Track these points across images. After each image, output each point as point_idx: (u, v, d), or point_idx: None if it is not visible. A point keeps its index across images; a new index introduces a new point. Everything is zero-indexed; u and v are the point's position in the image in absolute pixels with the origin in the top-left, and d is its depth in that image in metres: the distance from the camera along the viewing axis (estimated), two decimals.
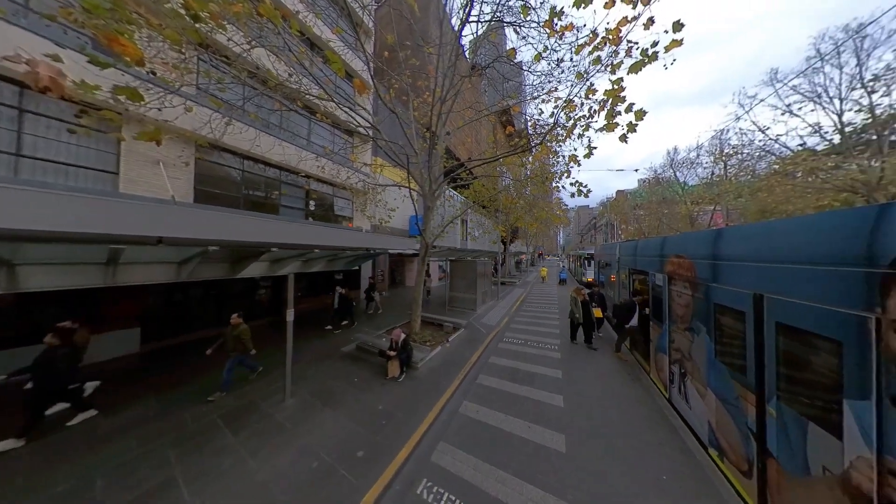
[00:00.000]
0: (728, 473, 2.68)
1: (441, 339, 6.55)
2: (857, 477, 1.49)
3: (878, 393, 1.40)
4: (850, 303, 1.54)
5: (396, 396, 4.09)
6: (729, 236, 2.78)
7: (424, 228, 6.27)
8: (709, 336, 2.95)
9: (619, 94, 3.73)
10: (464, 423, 3.49)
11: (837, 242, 1.65)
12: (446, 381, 4.56)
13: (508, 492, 2.49)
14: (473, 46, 6.22)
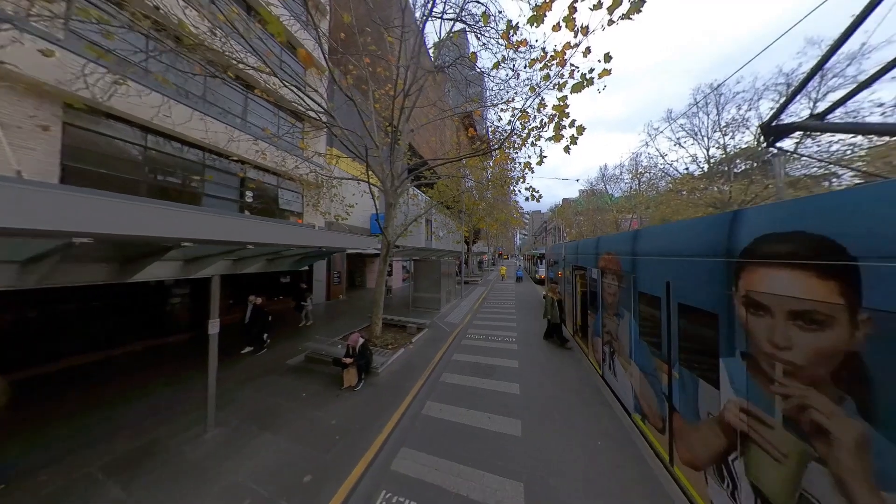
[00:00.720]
0: (647, 432, 3.24)
1: (404, 341, 6.36)
2: (728, 416, 1.95)
3: (736, 350, 1.87)
4: (720, 284, 2.02)
5: (353, 407, 3.77)
6: (643, 236, 3.40)
7: (386, 226, 6.02)
8: (633, 319, 3.53)
9: (564, 109, 4.23)
10: (427, 424, 3.42)
11: (710, 239, 2.16)
12: (409, 384, 4.43)
13: (469, 485, 2.52)
14: (437, 47, 6.29)
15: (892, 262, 1.13)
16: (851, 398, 1.25)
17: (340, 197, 7.97)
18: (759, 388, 1.72)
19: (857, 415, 1.23)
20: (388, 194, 6.02)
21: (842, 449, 1.28)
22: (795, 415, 1.49)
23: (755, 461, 1.75)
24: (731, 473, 1.94)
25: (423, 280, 10.96)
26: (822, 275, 1.37)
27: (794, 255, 1.50)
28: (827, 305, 1.34)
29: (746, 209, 1.91)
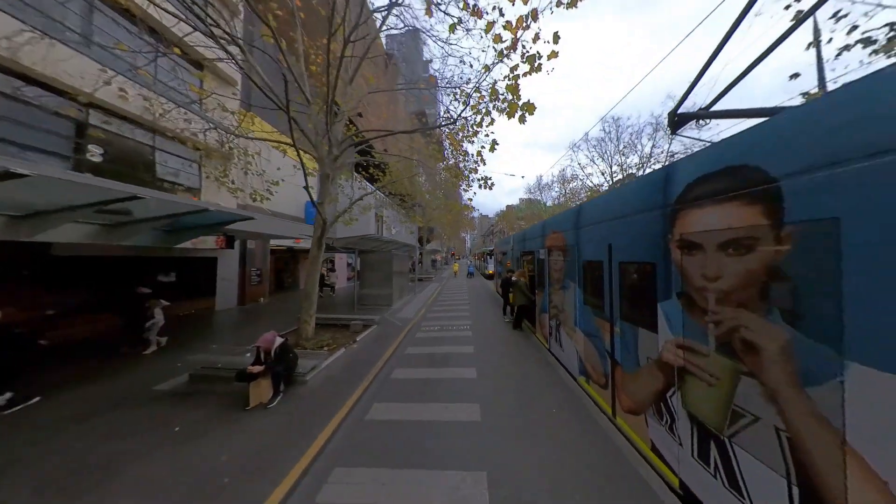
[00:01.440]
0: (591, 391, 3.44)
1: (346, 341, 5.42)
2: (666, 356, 2.10)
3: (672, 293, 2.02)
4: (657, 234, 2.18)
5: (262, 431, 2.77)
6: (586, 208, 3.65)
7: (321, 201, 5.02)
8: (579, 287, 3.75)
9: (517, 89, 4.30)
10: (371, 431, 2.81)
11: (648, 195, 2.34)
12: (349, 388, 3.64)
13: (421, 491, 2.08)
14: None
15: (807, 175, 1.26)
16: (776, 308, 1.37)
17: (259, 170, 6.31)
18: (694, 323, 1.86)
19: (781, 322, 1.35)
20: (325, 163, 5.03)
21: (769, 357, 1.40)
22: (727, 338, 1.62)
23: (691, 391, 1.89)
24: (670, 409, 2.08)
25: (371, 275, 9.88)
26: (748, 201, 1.51)
27: (723, 189, 1.64)
28: (753, 229, 1.47)
29: (677, 161, 2.10)
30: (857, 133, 1.11)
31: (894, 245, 1.01)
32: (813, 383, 1.22)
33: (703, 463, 1.80)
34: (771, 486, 1.39)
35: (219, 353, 4.27)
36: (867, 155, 1.08)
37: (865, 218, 1.08)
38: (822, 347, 1.19)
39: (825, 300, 1.19)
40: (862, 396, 1.08)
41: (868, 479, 1.06)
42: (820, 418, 1.20)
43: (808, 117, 1.30)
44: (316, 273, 5.26)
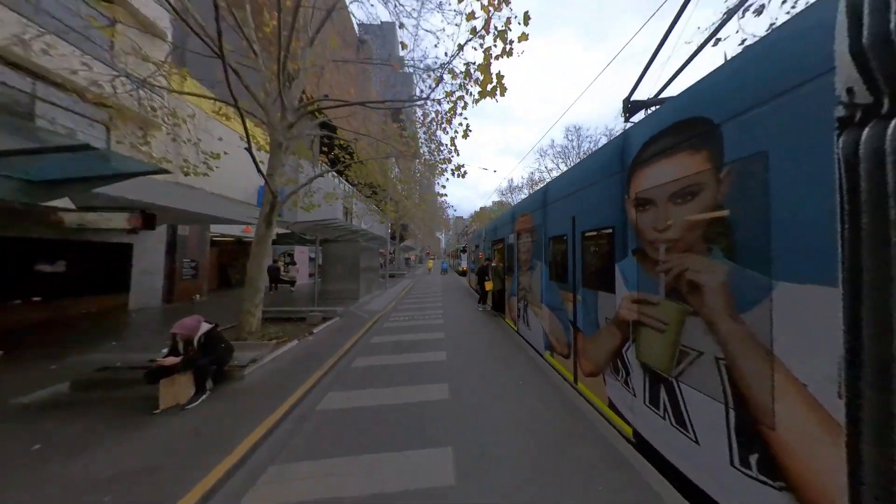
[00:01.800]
0: (555, 363, 3.54)
1: (300, 333, 4.84)
2: (622, 312, 2.19)
3: (628, 251, 2.12)
4: (616, 197, 2.28)
5: (173, 437, 2.20)
6: (552, 186, 3.77)
7: (271, 173, 4.43)
8: (545, 265, 3.85)
9: (488, 69, 4.31)
10: (321, 422, 2.47)
11: (607, 162, 2.45)
12: (297, 381, 3.18)
13: (378, 475, 1.86)
14: None
15: (740, 117, 1.36)
16: (717, 246, 1.47)
17: (192, 137, 5.30)
18: (647, 275, 1.95)
19: (721, 258, 1.45)
20: (276, 131, 4.42)
21: (710, 293, 1.49)
22: (675, 283, 1.72)
23: (644, 341, 1.98)
24: (625, 363, 2.17)
25: (335, 268, 9.01)
26: (694, 149, 1.61)
27: (673, 143, 1.75)
28: (697, 175, 1.57)
29: (633, 126, 2.22)
30: (775, 74, 1.23)
31: (809, 169, 1.11)
32: (747, 308, 1.32)
33: (654, 408, 1.89)
34: (711, 415, 1.48)
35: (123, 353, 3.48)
36: (782, 92, 1.19)
37: (786, 147, 1.19)
38: (755, 274, 1.29)
39: (757, 229, 1.29)
40: (786, 311, 1.17)
41: (791, 385, 1.15)
42: (753, 339, 1.29)
43: (739, 66, 1.42)
44: (262, 256, 4.55)
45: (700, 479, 1.56)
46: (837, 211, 1.03)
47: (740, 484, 1.34)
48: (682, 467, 1.68)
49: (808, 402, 1.10)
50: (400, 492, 1.70)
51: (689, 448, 1.62)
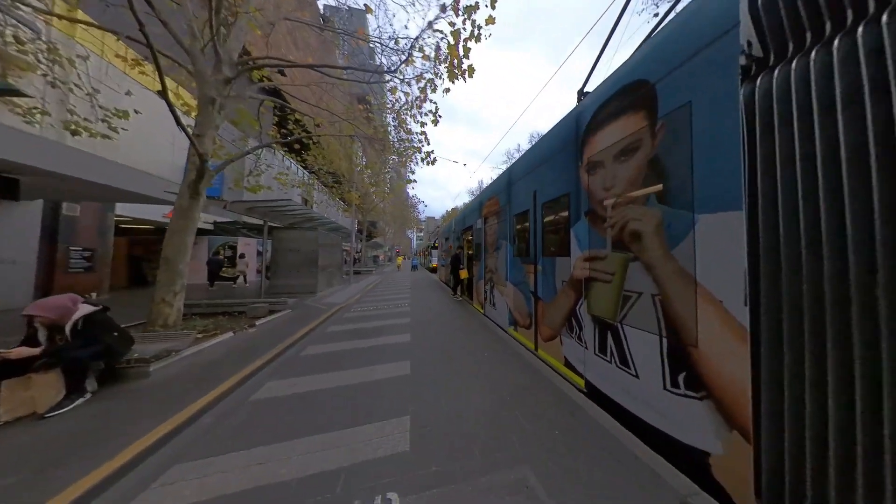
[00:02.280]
0: (518, 336, 3.66)
1: (235, 326, 4.16)
2: (576, 272, 2.33)
3: (581, 214, 2.27)
4: (571, 165, 2.43)
5: (22, 453, 1.66)
6: (515, 166, 3.91)
7: (199, 133, 3.67)
8: (509, 244, 3.97)
9: (456, 48, 4.31)
10: (253, 413, 2.09)
11: (564, 133, 2.60)
12: (225, 373, 2.70)
13: (322, 454, 1.65)
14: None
15: (671, 74, 1.53)
16: (651, 186, 1.63)
17: (86, 88, 4.14)
18: (596, 233, 2.10)
19: (656, 204, 1.60)
20: (207, 84, 3.69)
21: (648, 237, 1.64)
22: (618, 235, 1.87)
23: (594, 295, 2.12)
24: (578, 320, 2.31)
25: (288, 258, 7.92)
26: (633, 110, 1.76)
27: (618, 107, 1.90)
28: (638, 132, 1.73)
29: (585, 98, 2.39)
30: (697, 32, 1.40)
31: (720, 114, 1.28)
32: (676, 244, 1.48)
33: (602, 355, 2.04)
34: (649, 348, 1.63)
35: None
36: (702, 47, 1.37)
37: (704, 97, 1.36)
38: (682, 212, 1.45)
39: (683, 172, 1.45)
40: (705, 239, 1.33)
41: (709, 304, 1.31)
42: (681, 271, 1.44)
43: (671, 29, 1.60)
44: (184, 234, 3.76)
45: (639, 410, 1.71)
46: (741, 146, 1.20)
47: (671, 403, 1.49)
48: (624, 403, 1.83)
49: (721, 316, 1.26)
50: (345, 467, 1.51)
51: (631, 383, 1.77)
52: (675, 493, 1.29)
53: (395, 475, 1.44)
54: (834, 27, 0.99)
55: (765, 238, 1.12)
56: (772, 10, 1.14)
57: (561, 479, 1.38)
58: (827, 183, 0.96)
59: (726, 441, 1.25)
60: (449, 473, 1.44)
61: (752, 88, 1.18)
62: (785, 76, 1.08)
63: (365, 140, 8.36)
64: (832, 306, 0.94)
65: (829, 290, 0.94)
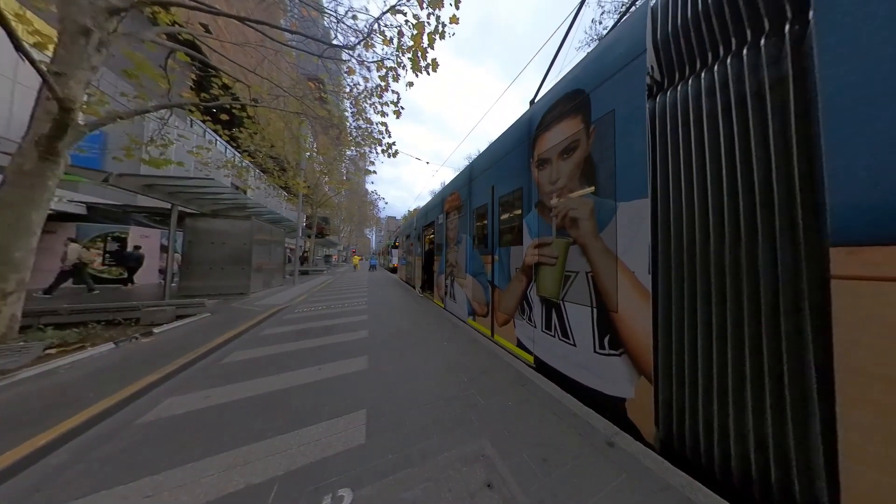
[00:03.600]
0: (476, 325, 3.81)
1: (119, 336, 3.24)
2: (527, 259, 2.56)
3: (532, 205, 2.51)
4: (524, 162, 2.67)
5: None
6: (476, 162, 4.10)
7: (61, 71, 2.71)
8: (469, 237, 4.11)
9: (420, 40, 4.30)
10: (140, 438, 1.71)
11: (518, 133, 2.84)
12: (85, 399, 2.08)
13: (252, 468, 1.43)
14: None
15: (601, 86, 1.83)
16: (587, 184, 1.90)
17: None
18: (543, 221, 2.35)
19: (590, 195, 1.88)
20: (75, 6, 2.75)
21: (583, 223, 1.91)
22: (561, 222, 2.13)
23: (541, 278, 2.36)
24: (529, 302, 2.53)
25: (208, 252, 6.54)
26: (573, 114, 2.04)
27: (561, 111, 2.18)
28: (576, 134, 2.01)
29: (536, 102, 2.66)
30: (619, 54, 1.72)
31: (634, 121, 1.59)
32: (603, 228, 1.76)
33: (548, 331, 2.28)
34: (583, 319, 1.89)
35: None
36: (622, 66, 1.68)
37: (623, 105, 1.67)
38: (608, 201, 1.73)
39: (608, 167, 1.74)
40: (623, 222, 1.63)
41: (625, 275, 1.60)
42: (606, 250, 1.72)
43: (601, 50, 1.91)
44: (24, 209, 2.72)
45: (576, 374, 1.97)
46: (648, 147, 1.51)
47: (600, 363, 1.76)
48: (565, 370, 2.08)
49: (633, 283, 1.55)
50: (279, 476, 1.31)
51: (570, 351, 2.02)
52: (603, 435, 1.52)
53: (348, 471, 1.32)
54: (703, 64, 1.33)
55: (661, 219, 1.42)
56: (665, 45, 1.47)
57: (513, 442, 1.49)
58: (701, 175, 1.28)
59: (637, 386, 1.53)
60: (406, 458, 1.40)
61: (654, 103, 1.50)
62: (673, 97, 1.40)
63: (317, 123, 7.56)
64: (704, 270, 1.25)
65: (703, 257, 1.26)
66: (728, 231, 1.17)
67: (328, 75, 10.64)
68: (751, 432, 1.08)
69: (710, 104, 1.26)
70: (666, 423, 1.38)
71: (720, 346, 1.18)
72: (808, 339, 0.95)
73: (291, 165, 11.59)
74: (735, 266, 1.15)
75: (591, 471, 1.28)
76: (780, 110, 1.06)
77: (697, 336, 1.26)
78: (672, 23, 1.44)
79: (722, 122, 1.22)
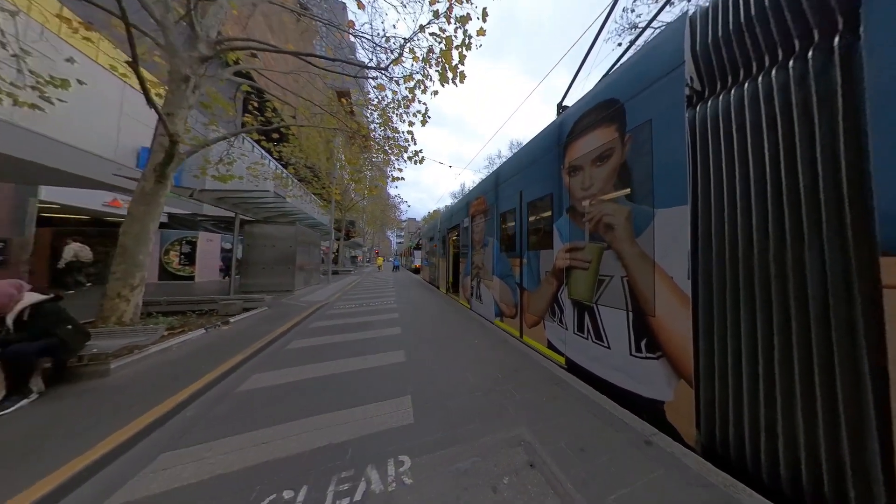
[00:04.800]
0: (504, 326, 3.92)
1: (206, 323, 3.83)
2: (558, 262, 2.63)
3: (563, 210, 2.58)
4: (555, 168, 2.75)
5: None
6: (503, 167, 4.21)
7: (170, 112, 3.42)
8: (497, 240, 4.24)
9: (450, 54, 4.53)
10: (242, 402, 2.07)
11: (548, 140, 2.92)
12: (196, 372, 2.50)
13: (326, 431, 1.71)
14: None
15: (637, 96, 1.87)
16: (622, 187, 1.96)
17: (12, 49, 3.40)
18: (575, 227, 2.41)
19: (625, 201, 1.93)
20: (178, 59, 3.47)
21: (619, 229, 1.97)
22: (594, 228, 2.19)
23: (573, 282, 2.43)
24: (560, 304, 2.60)
25: (262, 255, 7.47)
26: (608, 123, 2.10)
27: (595, 119, 2.24)
28: (611, 142, 2.06)
29: (566, 111, 2.73)
30: (655, 65, 1.76)
31: (673, 130, 1.62)
32: (640, 234, 1.80)
33: (580, 333, 2.34)
34: (618, 322, 1.94)
35: None
36: (659, 77, 1.72)
37: (662, 116, 1.70)
38: (645, 207, 1.78)
39: (645, 175, 1.78)
40: (661, 229, 1.67)
41: (663, 280, 1.63)
42: (643, 255, 1.77)
43: (635, 60, 1.96)
44: (148, 220, 3.45)
45: (611, 376, 2.02)
46: (688, 156, 1.54)
47: (636, 366, 1.81)
48: (598, 372, 2.13)
49: (672, 288, 1.58)
50: (352, 440, 1.58)
51: (604, 354, 2.07)
52: (640, 434, 1.57)
53: (404, 443, 1.55)
54: (746, 74, 1.35)
55: (702, 226, 1.46)
56: (706, 56, 1.50)
57: (551, 433, 1.61)
58: (744, 183, 1.31)
59: (676, 389, 1.56)
60: (454, 437, 1.59)
61: (694, 113, 1.53)
62: (714, 106, 1.43)
63: (347, 135, 8.19)
64: (748, 278, 1.28)
65: (747, 265, 1.28)
66: (773, 239, 1.19)
67: (358, 90, 11.44)
68: (802, 439, 1.09)
69: (754, 114, 1.28)
70: (708, 426, 1.41)
71: (767, 353, 1.20)
72: (861, 347, 0.96)
73: (324, 174, 12.60)
74: (781, 274, 1.17)
75: (629, 463, 1.36)
76: (828, 120, 1.07)
77: (741, 342, 1.28)
78: (713, 33, 1.47)
79: (767, 132, 1.24)
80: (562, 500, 1.16)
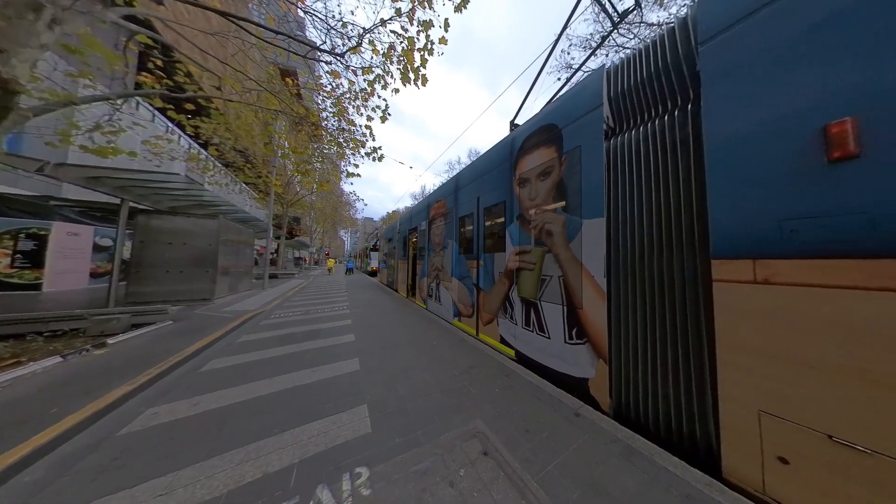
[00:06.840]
0: (462, 325, 4.09)
1: (67, 348, 2.98)
2: (510, 264, 2.91)
3: (514, 217, 2.87)
4: (507, 178, 3.03)
5: None
6: (462, 174, 4.42)
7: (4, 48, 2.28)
8: (456, 242, 4.40)
9: (412, 56, 4.53)
10: (123, 449, 1.71)
11: (502, 152, 3.22)
12: (43, 417, 1.98)
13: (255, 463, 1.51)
14: None
15: (570, 125, 2.24)
16: (559, 200, 2.30)
17: None
18: (524, 232, 2.71)
19: (562, 212, 2.27)
20: None
21: (556, 234, 2.30)
22: (538, 233, 2.50)
23: (522, 281, 2.72)
24: (511, 302, 2.87)
25: (165, 254, 5.94)
26: (549, 144, 2.44)
27: (539, 140, 2.57)
28: (551, 160, 2.40)
29: (517, 129, 3.06)
30: (584, 100, 2.15)
31: (595, 157, 2.00)
32: (572, 239, 2.15)
33: (527, 327, 2.63)
34: (557, 316, 2.26)
35: None
36: (586, 112, 2.11)
37: (588, 144, 2.08)
38: (575, 218, 2.13)
39: (576, 191, 2.14)
40: (587, 236, 2.03)
41: (588, 278, 1.99)
42: (574, 258, 2.11)
43: (571, 94, 2.34)
44: None
45: (550, 362, 2.33)
46: (604, 178, 1.92)
47: (569, 352, 2.13)
48: (541, 360, 2.43)
49: (594, 285, 1.94)
50: (295, 463, 1.42)
51: (546, 344, 2.38)
52: (571, 408, 1.86)
53: (361, 454, 1.48)
54: (642, 119, 1.77)
55: (612, 234, 1.83)
56: (616, 101, 1.91)
57: (502, 420, 1.76)
58: (638, 202, 1.70)
59: (597, 367, 1.91)
60: (413, 440, 1.59)
61: (609, 144, 1.92)
62: (622, 141, 1.83)
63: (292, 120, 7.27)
64: (641, 275, 1.66)
65: (640, 264, 1.67)
66: (656, 245, 1.60)
67: (308, 72, 10.26)
68: (671, 396, 1.48)
69: (645, 149, 1.70)
70: (617, 394, 1.77)
71: (651, 334, 1.59)
72: (702, 323, 1.37)
73: (261, 162, 10.89)
74: (659, 272, 1.57)
75: (562, 435, 1.61)
76: (685, 158, 1.50)
77: (637, 326, 1.66)
78: (620, 86, 1.88)
79: (652, 164, 1.65)
80: (511, 480, 1.29)
